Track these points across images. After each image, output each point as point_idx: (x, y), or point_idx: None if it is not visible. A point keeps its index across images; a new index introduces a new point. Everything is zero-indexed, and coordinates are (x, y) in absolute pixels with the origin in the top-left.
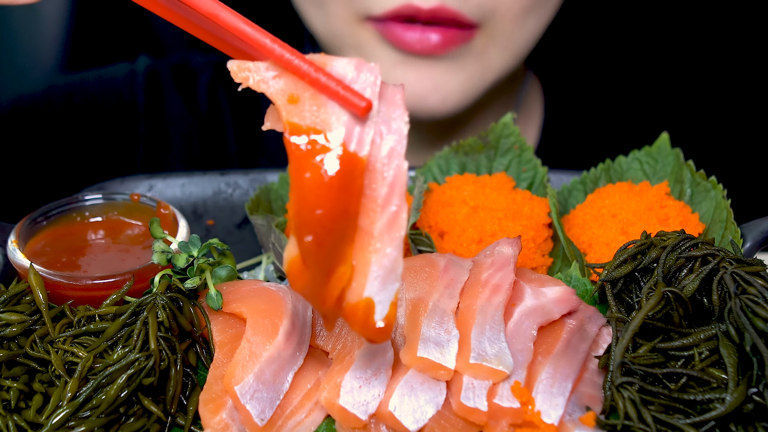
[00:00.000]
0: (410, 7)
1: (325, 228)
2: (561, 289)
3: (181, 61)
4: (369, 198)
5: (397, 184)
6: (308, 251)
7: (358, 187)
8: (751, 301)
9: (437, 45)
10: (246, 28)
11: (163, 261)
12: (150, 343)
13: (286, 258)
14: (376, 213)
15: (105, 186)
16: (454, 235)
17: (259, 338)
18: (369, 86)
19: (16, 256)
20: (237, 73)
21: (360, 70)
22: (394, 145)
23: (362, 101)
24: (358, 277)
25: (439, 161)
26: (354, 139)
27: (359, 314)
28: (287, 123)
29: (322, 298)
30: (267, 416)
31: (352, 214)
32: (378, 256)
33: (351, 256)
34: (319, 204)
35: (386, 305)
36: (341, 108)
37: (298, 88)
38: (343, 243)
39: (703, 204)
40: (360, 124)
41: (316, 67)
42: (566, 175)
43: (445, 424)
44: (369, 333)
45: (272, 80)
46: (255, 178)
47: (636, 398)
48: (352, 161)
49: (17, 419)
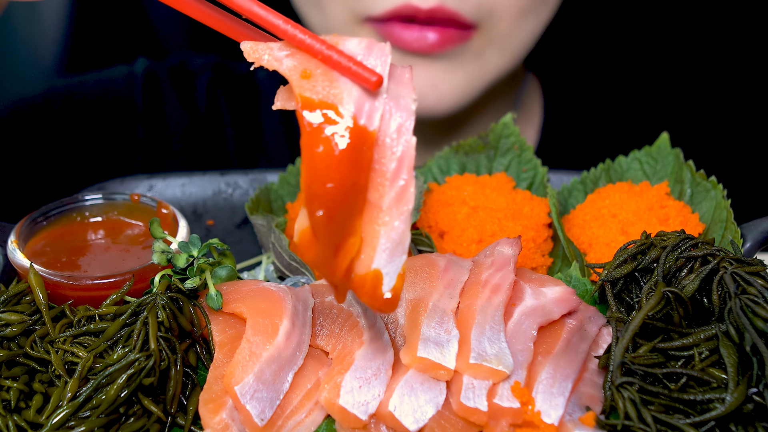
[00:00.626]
0: (409, 6)
1: (335, 201)
2: (561, 289)
3: (179, 62)
4: (378, 172)
5: (405, 158)
6: (319, 224)
7: (368, 161)
8: (751, 301)
9: (434, 44)
10: (259, 10)
11: (163, 261)
12: (150, 343)
13: (297, 229)
14: (384, 187)
15: (105, 186)
16: (454, 235)
17: (259, 338)
18: (380, 64)
19: (16, 256)
20: (250, 53)
21: (371, 49)
22: (403, 121)
23: (373, 76)
24: (366, 249)
25: (439, 161)
26: (364, 114)
27: (367, 285)
28: (300, 97)
29: (332, 269)
30: (267, 416)
31: (361, 187)
32: (386, 229)
33: (360, 228)
34: (330, 177)
35: (393, 277)
36: (353, 83)
37: (311, 65)
38: (352, 216)
39: (703, 204)
40: (370, 100)
41: (329, 45)
42: (566, 175)
43: (445, 424)
44: (377, 303)
45: (285, 58)
46: (255, 178)
47: (636, 398)
48: (362, 134)
49: (17, 419)
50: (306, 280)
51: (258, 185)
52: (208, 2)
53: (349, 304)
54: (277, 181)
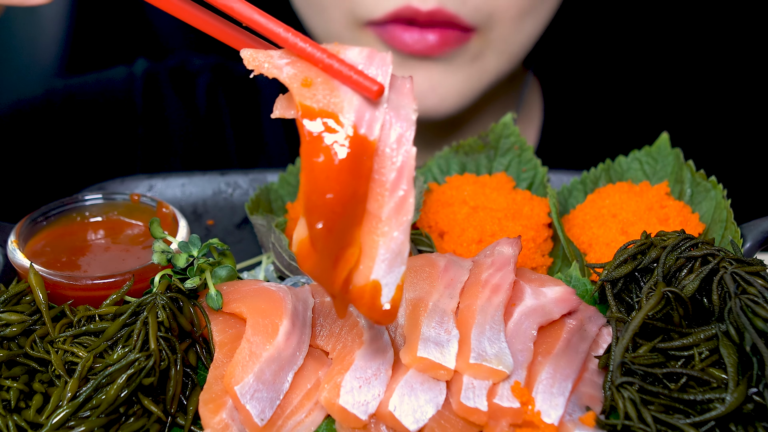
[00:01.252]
0: (409, 8)
1: (335, 212)
2: (561, 289)
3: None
4: (377, 182)
5: (405, 169)
6: (318, 236)
7: (368, 170)
8: (751, 301)
9: (435, 45)
10: (260, 18)
11: (163, 261)
12: (150, 343)
13: (296, 239)
14: (384, 197)
15: (105, 186)
16: (454, 235)
17: (259, 338)
18: (381, 73)
19: (16, 256)
20: (249, 60)
21: (372, 58)
22: (403, 132)
23: (374, 85)
24: (365, 260)
25: (439, 161)
26: (365, 123)
27: (366, 296)
28: (300, 105)
29: (330, 280)
30: (267, 416)
31: (361, 197)
32: (386, 240)
33: (359, 239)
34: (330, 187)
35: (392, 288)
36: (353, 92)
37: (312, 74)
38: (351, 226)
39: (703, 204)
40: (371, 109)
41: (329, 54)
42: (566, 175)
43: (445, 424)
44: (375, 315)
45: (285, 66)
46: (255, 178)
47: (636, 398)
48: (362, 144)
49: (17, 419)
50: (306, 280)
51: (258, 185)
52: (208, 10)
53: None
54: (277, 181)
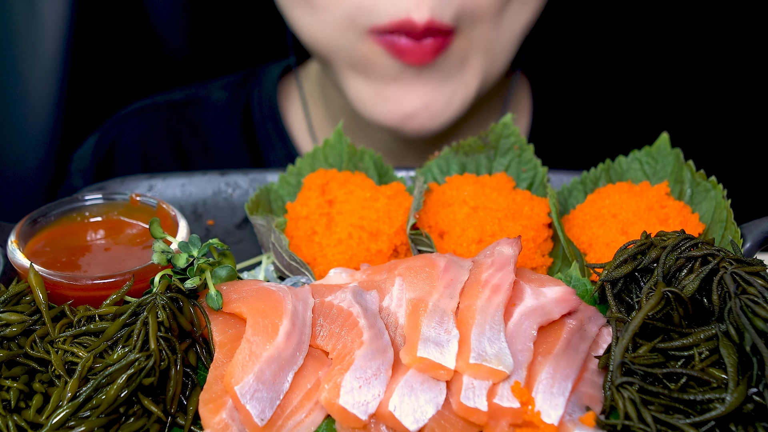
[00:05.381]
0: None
1: None
2: (561, 289)
3: None
4: None
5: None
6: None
7: None
8: (751, 301)
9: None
10: None
11: (163, 261)
12: (150, 343)
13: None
14: None
15: (105, 186)
16: (454, 235)
17: (259, 338)
18: None
19: (16, 256)
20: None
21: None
22: None
23: None
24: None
25: (439, 161)
26: None
27: None
28: None
29: None
30: (267, 416)
31: None
32: None
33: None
34: None
35: None
36: None
37: None
38: None
39: (703, 204)
40: None
41: None
42: (566, 175)
43: (445, 424)
44: None
45: None
46: (255, 178)
47: (636, 398)
48: None
49: (17, 419)
50: (306, 280)
51: (258, 185)
52: None
53: (349, 304)
54: (277, 181)
